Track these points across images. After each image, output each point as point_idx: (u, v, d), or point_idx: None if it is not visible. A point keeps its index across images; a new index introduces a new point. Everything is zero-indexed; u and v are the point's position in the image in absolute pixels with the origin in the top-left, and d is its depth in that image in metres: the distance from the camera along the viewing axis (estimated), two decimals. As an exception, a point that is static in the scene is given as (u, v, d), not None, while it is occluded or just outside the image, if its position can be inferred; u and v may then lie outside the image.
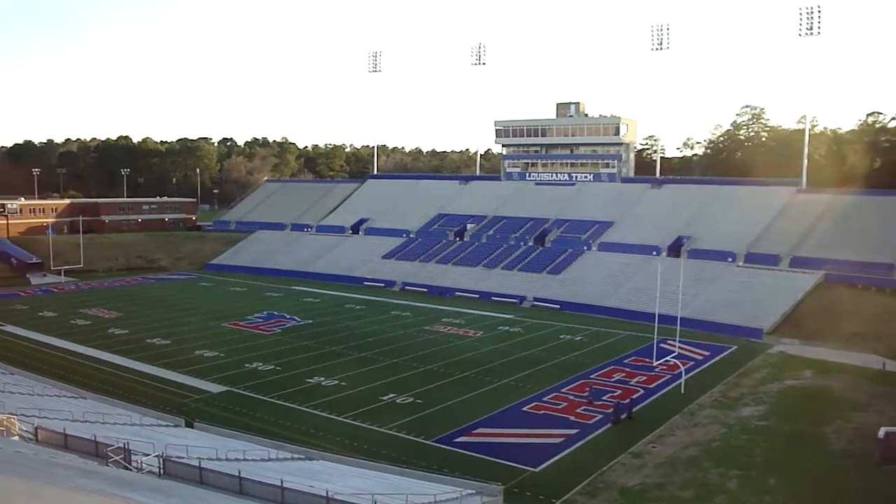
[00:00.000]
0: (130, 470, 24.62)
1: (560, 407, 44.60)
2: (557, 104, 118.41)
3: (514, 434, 40.03)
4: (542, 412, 43.73)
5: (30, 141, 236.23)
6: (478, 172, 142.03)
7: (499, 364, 54.97)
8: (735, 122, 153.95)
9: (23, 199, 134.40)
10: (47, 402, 40.76)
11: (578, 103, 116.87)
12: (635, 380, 51.09)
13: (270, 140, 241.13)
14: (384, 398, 45.99)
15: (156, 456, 26.52)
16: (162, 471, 25.74)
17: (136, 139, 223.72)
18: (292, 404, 45.06)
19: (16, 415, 30.58)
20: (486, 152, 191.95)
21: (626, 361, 56.38)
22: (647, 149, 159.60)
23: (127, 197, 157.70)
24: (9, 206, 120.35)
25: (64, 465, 20.16)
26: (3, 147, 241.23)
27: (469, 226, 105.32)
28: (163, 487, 20.01)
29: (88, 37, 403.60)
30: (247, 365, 54.13)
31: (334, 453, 35.40)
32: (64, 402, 42.25)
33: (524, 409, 44.39)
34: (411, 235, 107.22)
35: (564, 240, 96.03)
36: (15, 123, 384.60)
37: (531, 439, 39.29)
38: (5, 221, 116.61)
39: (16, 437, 27.91)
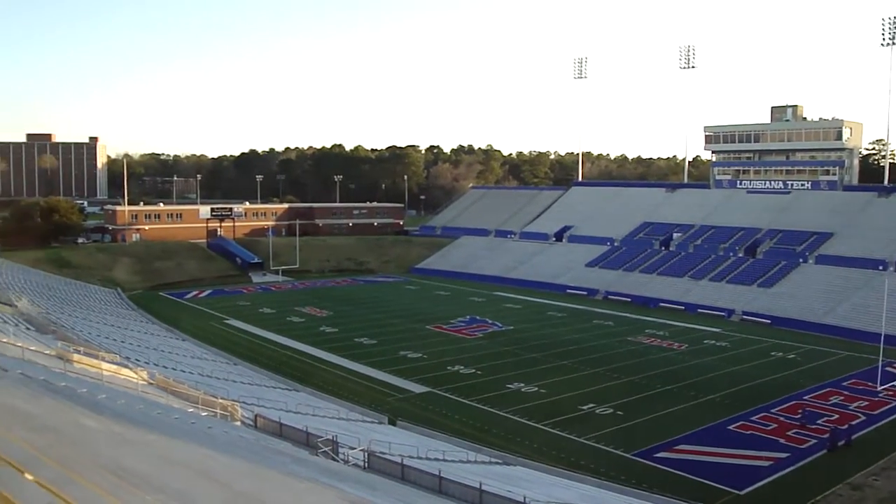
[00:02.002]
0: (338, 461, 25.69)
1: (769, 428, 42.24)
2: (772, 107, 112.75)
3: (718, 453, 38.32)
4: (749, 432, 41.59)
5: (254, 150, 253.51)
6: (685, 180, 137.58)
7: (703, 379, 52.89)
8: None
9: (247, 203, 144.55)
10: (265, 393, 43.42)
11: (796, 106, 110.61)
12: (855, 404, 47.40)
13: (476, 147, 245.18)
14: (583, 408, 45.47)
15: (361, 450, 27.51)
16: (366, 464, 26.69)
17: (348, 147, 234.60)
18: (491, 409, 45.46)
19: (238, 402, 32.82)
20: (695, 159, 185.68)
21: (844, 384, 52.46)
22: (874, 154, 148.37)
23: (339, 202, 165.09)
24: (235, 209, 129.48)
25: (280, 452, 21.36)
26: (231, 156, 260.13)
27: (675, 235, 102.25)
28: (367, 481, 20.73)
29: (307, 53, 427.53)
30: (448, 367, 55.21)
31: (532, 460, 35.38)
32: (280, 394, 44.82)
33: (730, 427, 42.39)
34: (615, 244, 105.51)
35: (777, 251, 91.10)
36: (242, 134, 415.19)
37: (737, 460, 37.46)
38: (232, 224, 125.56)
39: (238, 423, 29.92)
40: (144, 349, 51.24)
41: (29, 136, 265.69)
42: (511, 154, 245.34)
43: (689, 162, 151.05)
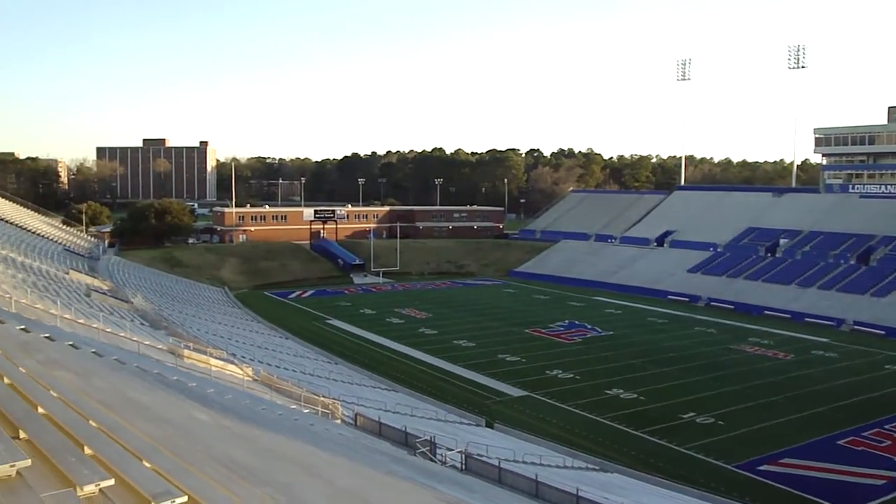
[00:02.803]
0: (435, 462, 25.99)
1: (883, 445, 40.43)
2: (889, 108, 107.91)
3: (825, 469, 36.97)
4: (860, 448, 39.95)
5: (356, 153, 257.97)
6: (793, 184, 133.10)
7: (811, 391, 51.11)
8: None
9: (349, 205, 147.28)
10: (365, 392, 44.20)
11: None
12: (978, 422, 45.06)
13: (576, 151, 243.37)
14: (684, 416, 44.63)
15: (458, 451, 27.77)
16: (464, 466, 26.92)
17: (449, 150, 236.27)
18: (589, 414, 45.12)
19: (339, 400, 33.54)
20: (803, 162, 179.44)
21: (967, 400, 49.89)
22: None
23: (439, 205, 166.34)
24: (338, 212, 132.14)
25: (379, 451, 21.77)
26: (335, 159, 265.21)
27: (782, 241, 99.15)
28: (465, 482, 20.93)
29: (409, 58, 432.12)
30: (546, 372, 55.03)
31: (630, 467, 35.00)
32: (379, 393, 45.55)
33: (839, 442, 40.81)
34: (719, 249, 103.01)
35: (893, 259, 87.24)
36: (345, 138, 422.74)
37: (846, 477, 36.05)
38: (334, 226, 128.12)
39: (338, 421, 30.59)
40: (250, 346, 52.83)
41: (145, 140, 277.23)
42: (612, 158, 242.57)
43: (798, 165, 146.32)
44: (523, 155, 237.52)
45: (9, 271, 50.73)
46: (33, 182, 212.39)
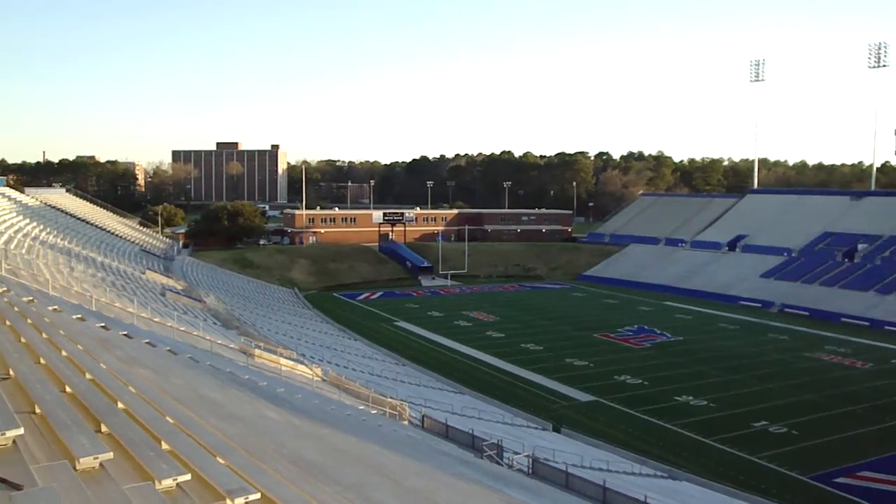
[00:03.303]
0: (502, 465, 25.98)
1: (968, 458, 39.03)
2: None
3: (906, 482, 35.82)
4: (944, 461, 38.64)
5: (425, 156, 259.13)
6: (872, 187, 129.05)
7: (891, 401, 49.35)
8: None
9: (418, 208, 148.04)
10: (432, 394, 44.39)
11: None
12: None
13: (646, 154, 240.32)
14: (756, 424, 43.66)
15: (525, 455, 27.70)
16: (530, 470, 26.84)
17: (517, 153, 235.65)
18: (658, 420, 44.51)
19: (406, 402, 33.77)
20: (884, 165, 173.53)
21: None
22: None
23: (508, 208, 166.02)
24: (406, 214, 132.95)
25: (446, 453, 21.86)
26: (403, 162, 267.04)
27: (860, 246, 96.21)
28: (532, 487, 20.87)
29: (477, 62, 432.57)
30: (615, 377, 54.46)
31: (699, 476, 34.42)
32: (445, 396, 45.69)
33: (921, 455, 39.50)
34: (793, 254, 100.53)
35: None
36: (414, 141, 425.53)
37: (928, 490, 34.88)
38: (403, 228, 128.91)
39: (406, 422, 30.81)
40: (318, 347, 53.53)
41: (218, 144, 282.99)
42: (682, 160, 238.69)
43: (878, 168, 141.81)
44: (592, 158, 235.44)
45: (89, 270, 52.38)
46: (112, 184, 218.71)
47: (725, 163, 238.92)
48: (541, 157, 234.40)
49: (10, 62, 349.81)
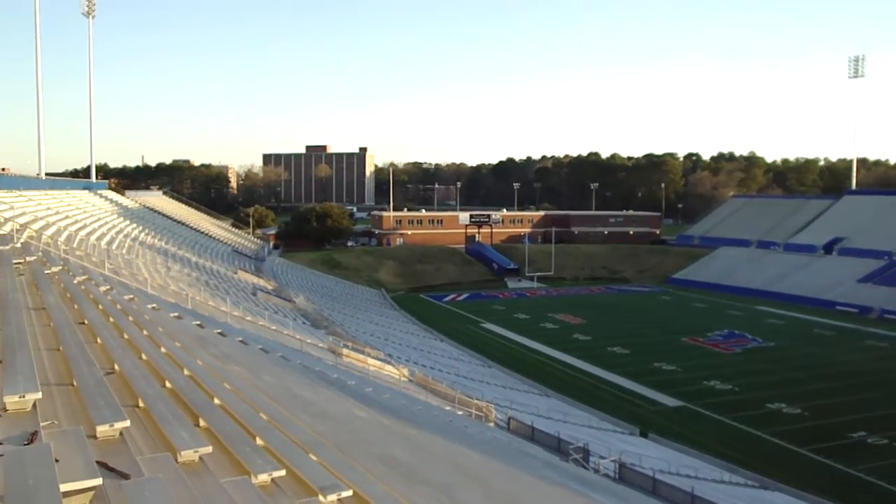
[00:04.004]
0: (588, 469, 25.81)
1: None
2: None
3: None
4: None
5: (511, 158, 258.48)
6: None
7: None
8: None
9: (504, 210, 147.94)
10: (517, 396, 44.38)
11: None
12: None
13: (737, 154, 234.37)
14: (853, 435, 42.17)
15: (612, 460, 27.46)
16: (617, 475, 26.60)
17: (604, 155, 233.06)
18: (749, 428, 43.44)
19: (492, 404, 33.84)
20: None
21: None
22: None
23: (595, 210, 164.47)
24: (493, 216, 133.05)
25: (531, 455, 21.84)
26: (490, 164, 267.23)
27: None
28: (619, 492, 20.68)
29: (563, 63, 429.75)
30: (704, 382, 53.38)
31: (792, 486, 33.47)
32: (531, 398, 45.61)
33: None
34: (894, 258, 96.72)
35: None
36: (500, 143, 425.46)
37: None
38: (489, 230, 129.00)
39: (491, 424, 30.87)
40: (405, 348, 54.07)
41: (308, 147, 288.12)
42: (775, 161, 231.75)
43: None
44: (681, 159, 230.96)
45: (184, 270, 54.06)
46: (206, 187, 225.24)
47: (821, 163, 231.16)
48: (628, 158, 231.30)
49: (113, 72, 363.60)
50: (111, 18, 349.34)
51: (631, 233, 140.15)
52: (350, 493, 7.31)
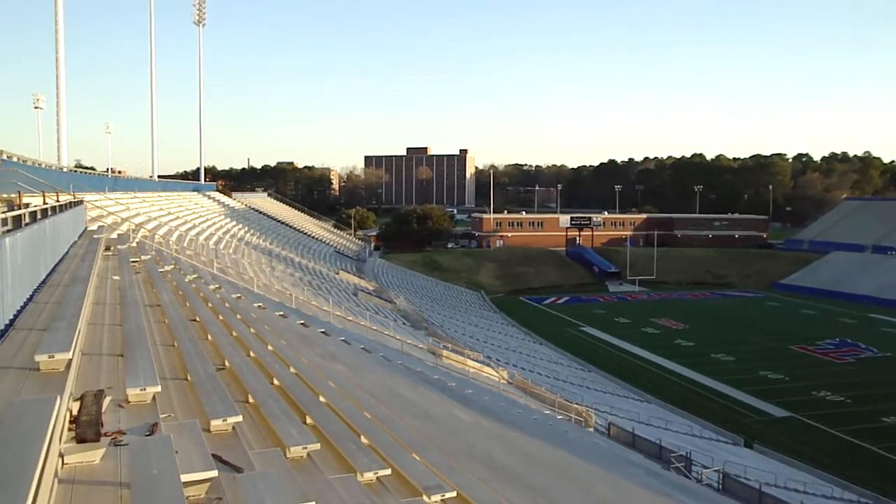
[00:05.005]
0: (690, 479, 25.26)
1: None
2: None
3: None
4: None
5: (613, 160, 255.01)
6: None
7: None
8: None
9: (605, 212, 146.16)
10: (617, 401, 43.78)
11: None
12: None
13: (850, 155, 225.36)
14: (978, 452, 40.02)
15: (715, 470, 26.82)
16: (720, 486, 25.96)
17: (709, 156, 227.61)
18: (862, 442, 41.67)
19: (592, 409, 33.49)
20: None
21: None
22: None
23: (699, 212, 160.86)
24: (594, 219, 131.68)
25: (632, 462, 21.51)
26: (591, 166, 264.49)
27: None
28: (723, 503, 20.19)
29: (666, 66, 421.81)
30: (813, 392, 51.47)
31: (910, 504, 31.96)
32: (631, 404, 44.94)
33: None
34: None
35: None
36: (602, 145, 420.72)
37: None
38: (590, 233, 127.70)
39: (591, 429, 30.55)
40: (504, 350, 54.03)
41: (408, 149, 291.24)
42: (893, 161, 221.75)
43: None
44: (790, 160, 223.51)
45: (288, 270, 55.40)
46: (309, 189, 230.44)
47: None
48: (734, 159, 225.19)
49: (221, 77, 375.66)
50: (220, 26, 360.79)
51: (736, 236, 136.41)
52: (454, 494, 7.35)
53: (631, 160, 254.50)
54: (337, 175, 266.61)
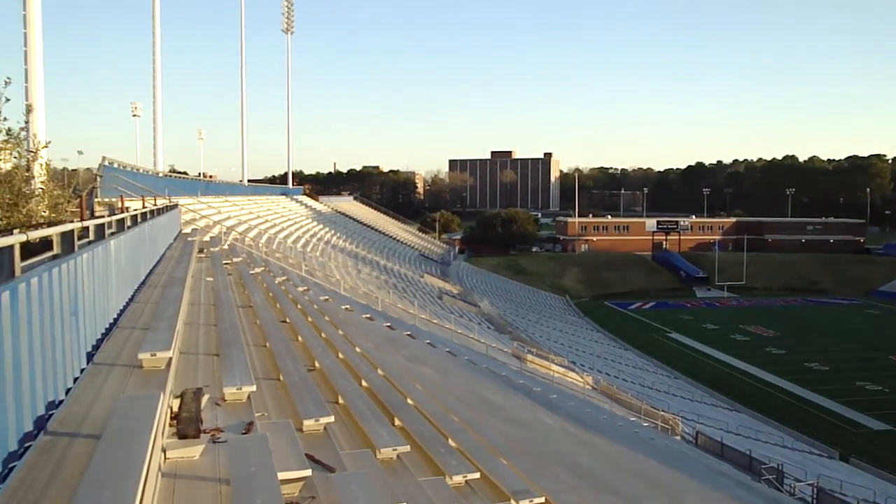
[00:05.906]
0: (782, 492, 24.58)
1: None
2: None
3: None
4: None
5: (701, 163, 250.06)
6: None
7: None
8: None
9: (693, 216, 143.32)
10: (705, 409, 42.93)
11: None
12: None
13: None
14: None
15: (809, 484, 26.04)
16: (814, 501, 25.19)
17: (802, 158, 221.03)
18: (966, 457, 39.86)
19: (679, 416, 32.90)
20: None
21: None
22: None
23: (791, 216, 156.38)
24: (681, 223, 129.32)
25: (722, 473, 21.05)
26: (678, 169, 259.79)
27: None
28: (817, 516, 19.58)
29: (751, 66, 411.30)
30: (914, 405, 49.46)
31: None
32: (720, 412, 43.98)
33: None
34: None
35: None
36: (689, 147, 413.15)
37: None
38: (677, 237, 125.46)
39: (678, 437, 30.01)
40: (589, 355, 53.53)
41: (493, 153, 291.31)
42: None
43: None
44: (889, 161, 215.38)
45: (373, 273, 56.06)
46: (394, 192, 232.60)
47: None
48: (828, 161, 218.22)
49: (309, 83, 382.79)
50: (308, 33, 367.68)
51: (831, 241, 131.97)
52: (542, 499, 7.33)
53: (719, 162, 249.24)
54: (422, 179, 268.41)
